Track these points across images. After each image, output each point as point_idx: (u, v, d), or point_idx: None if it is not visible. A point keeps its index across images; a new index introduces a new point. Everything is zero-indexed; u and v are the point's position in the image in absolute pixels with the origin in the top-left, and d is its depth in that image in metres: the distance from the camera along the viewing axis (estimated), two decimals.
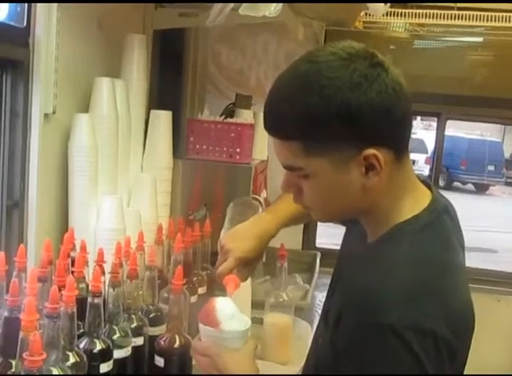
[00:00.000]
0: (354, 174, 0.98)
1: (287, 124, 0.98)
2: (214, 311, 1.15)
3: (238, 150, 2.27)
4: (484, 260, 4.36)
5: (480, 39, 3.36)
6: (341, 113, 0.94)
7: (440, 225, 1.04)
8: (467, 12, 2.94)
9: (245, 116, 2.49)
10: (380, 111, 0.95)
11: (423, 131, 15.64)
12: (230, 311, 1.16)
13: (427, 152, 13.03)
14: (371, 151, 0.96)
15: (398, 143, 1.00)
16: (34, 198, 1.71)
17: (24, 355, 0.99)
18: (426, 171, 10.24)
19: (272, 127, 1.02)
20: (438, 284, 0.97)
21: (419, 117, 16.01)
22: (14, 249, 1.51)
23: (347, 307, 0.98)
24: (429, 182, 1.12)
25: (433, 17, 3.01)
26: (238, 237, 1.41)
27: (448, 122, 3.50)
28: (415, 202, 1.04)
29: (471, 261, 1.11)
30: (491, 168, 13.63)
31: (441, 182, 11.14)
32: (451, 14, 2.97)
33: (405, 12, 3.01)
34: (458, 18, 2.96)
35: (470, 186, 13.80)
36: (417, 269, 0.98)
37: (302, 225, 3.17)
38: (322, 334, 1.10)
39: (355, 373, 0.95)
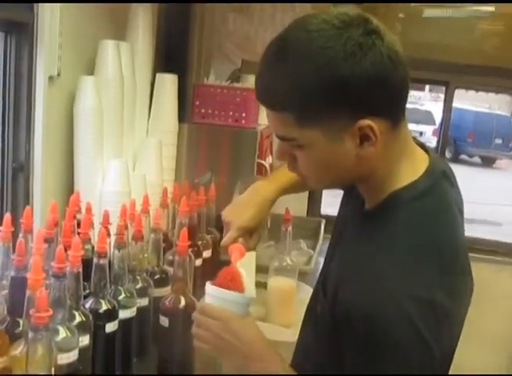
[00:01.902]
0: (348, 144, 0.96)
1: (279, 95, 0.95)
2: (239, 277, 1.15)
3: (244, 114, 2.26)
4: (489, 232, 4.37)
5: (492, 9, 3.30)
6: (334, 85, 0.91)
7: (438, 191, 1.03)
8: None
9: (251, 81, 2.47)
10: (376, 81, 0.92)
11: (431, 102, 15.53)
12: (248, 279, 1.17)
13: (434, 124, 12.95)
14: (366, 122, 0.94)
15: (394, 112, 0.98)
16: (40, 161, 1.72)
17: (31, 312, 1.00)
18: (433, 142, 10.16)
19: (263, 97, 0.99)
20: (436, 253, 0.96)
21: (427, 89, 15.92)
22: (20, 211, 1.52)
23: (346, 280, 0.98)
24: (426, 146, 1.10)
25: None
26: (237, 208, 1.42)
27: (456, 94, 3.44)
28: (413, 167, 1.02)
29: (476, 233, 1.10)
30: (498, 141, 13.53)
31: (448, 155, 11.10)
32: None
33: None
34: None
35: (476, 159, 13.73)
36: (414, 238, 0.97)
37: (307, 193, 3.16)
38: (321, 300, 1.10)
39: (355, 344, 0.95)
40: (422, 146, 1.09)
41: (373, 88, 0.92)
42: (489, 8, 3.26)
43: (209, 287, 1.14)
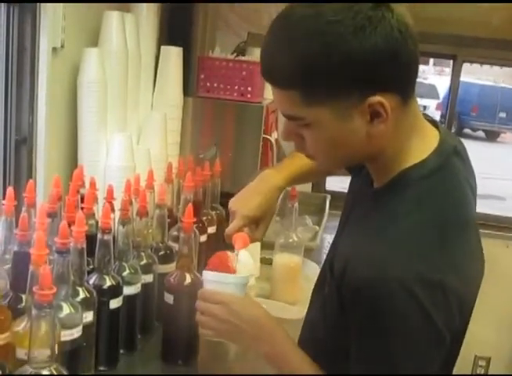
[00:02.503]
0: (358, 122, 0.93)
1: (285, 72, 0.92)
2: (227, 259, 1.15)
3: (249, 88, 2.22)
4: (492, 207, 4.35)
5: None
6: (344, 61, 0.88)
7: (448, 169, 1.00)
8: None
9: (257, 54, 2.42)
10: (386, 56, 0.89)
11: (435, 76, 15.39)
12: (242, 261, 1.17)
13: (438, 98, 12.84)
14: (376, 98, 0.91)
15: (405, 87, 0.95)
16: (43, 134, 1.69)
17: (34, 289, 0.99)
18: (437, 117, 10.12)
19: (269, 75, 0.96)
20: (445, 233, 0.95)
21: (431, 62, 15.75)
22: (23, 185, 1.50)
23: (353, 260, 0.96)
24: (436, 122, 1.07)
25: None
26: (243, 197, 1.38)
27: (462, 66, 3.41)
28: (423, 144, 1.00)
29: (479, 207, 1.08)
30: (502, 115, 13.42)
31: (452, 129, 11.03)
32: None
33: None
34: None
35: (480, 133, 13.65)
36: (422, 217, 0.95)
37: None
38: (328, 280, 1.08)
39: (363, 326, 0.94)
40: (432, 121, 1.06)
41: (383, 63, 0.90)
42: None
43: (205, 274, 1.14)
